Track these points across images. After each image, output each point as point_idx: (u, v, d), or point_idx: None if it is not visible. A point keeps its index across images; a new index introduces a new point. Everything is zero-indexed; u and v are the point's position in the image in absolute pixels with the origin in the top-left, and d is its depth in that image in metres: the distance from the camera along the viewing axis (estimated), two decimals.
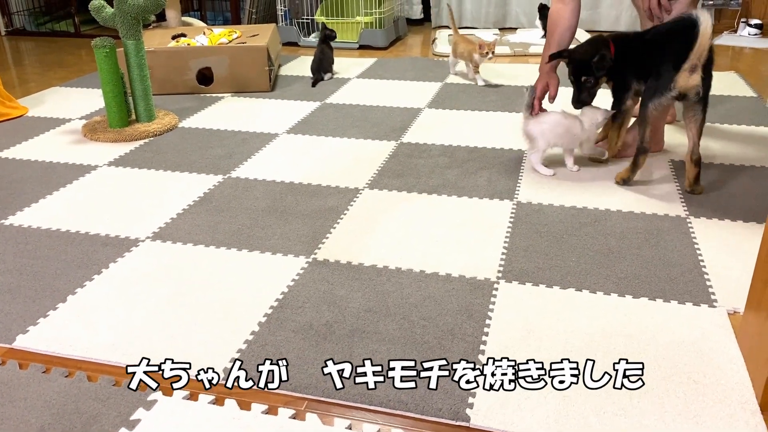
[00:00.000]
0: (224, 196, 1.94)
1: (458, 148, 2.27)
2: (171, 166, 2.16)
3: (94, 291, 1.47)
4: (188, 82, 2.97)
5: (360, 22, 3.90)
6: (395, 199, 1.89)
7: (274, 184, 2.02)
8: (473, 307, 1.38)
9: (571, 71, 2.05)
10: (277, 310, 1.39)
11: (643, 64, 1.92)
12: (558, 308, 1.38)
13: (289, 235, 1.70)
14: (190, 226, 1.76)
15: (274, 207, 1.86)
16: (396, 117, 2.62)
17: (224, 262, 1.58)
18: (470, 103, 2.78)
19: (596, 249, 1.61)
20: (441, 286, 1.46)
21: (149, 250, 1.64)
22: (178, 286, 1.48)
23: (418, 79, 3.17)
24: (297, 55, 3.73)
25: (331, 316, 1.36)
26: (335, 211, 1.83)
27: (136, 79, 2.45)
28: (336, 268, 1.54)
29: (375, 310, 1.38)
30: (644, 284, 1.46)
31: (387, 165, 2.14)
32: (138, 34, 2.40)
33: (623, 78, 2.01)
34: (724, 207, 1.82)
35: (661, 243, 1.63)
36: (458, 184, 1.98)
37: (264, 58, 2.93)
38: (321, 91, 3.00)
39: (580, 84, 2.03)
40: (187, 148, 2.33)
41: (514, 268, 1.53)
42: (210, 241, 1.68)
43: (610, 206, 1.83)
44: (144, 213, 1.84)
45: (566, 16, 2.20)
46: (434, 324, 1.33)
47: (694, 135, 1.85)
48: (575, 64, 2.03)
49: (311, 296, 1.43)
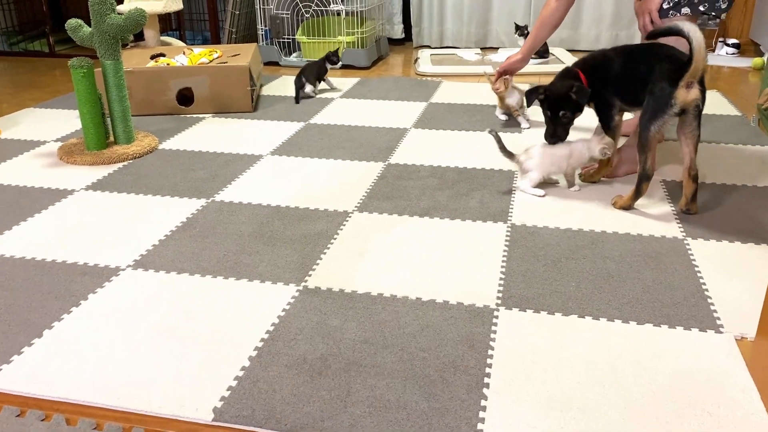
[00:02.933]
0: (208, 220, 1.87)
1: (447, 169, 2.22)
2: (152, 190, 2.09)
3: (73, 325, 1.39)
4: (168, 103, 2.90)
5: (342, 41, 3.86)
6: (386, 223, 1.84)
7: (260, 207, 1.95)
8: (474, 337, 1.32)
9: (547, 107, 2.03)
10: (268, 342, 1.32)
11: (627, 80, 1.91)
12: (561, 336, 1.33)
13: (278, 262, 1.63)
14: (173, 253, 1.68)
15: (260, 232, 1.79)
16: (382, 137, 2.57)
17: (210, 292, 1.50)
18: (457, 123, 2.74)
19: (596, 273, 1.57)
20: (439, 314, 1.41)
21: (130, 280, 1.56)
22: (162, 318, 1.41)
23: (403, 99, 3.13)
24: (278, 75, 3.68)
25: (325, 348, 1.30)
26: (324, 236, 1.76)
27: (114, 100, 2.38)
28: (328, 296, 1.48)
29: (371, 341, 1.31)
30: (647, 309, 1.42)
31: (376, 187, 2.09)
32: (116, 54, 2.33)
33: (604, 97, 2.00)
34: (721, 227, 1.79)
35: (660, 266, 1.60)
36: (450, 207, 1.93)
37: (246, 78, 2.88)
38: (304, 111, 2.95)
39: (556, 119, 2.02)
40: (168, 170, 2.25)
41: (514, 294, 1.48)
42: (195, 269, 1.61)
43: (606, 228, 1.79)
44: (124, 240, 1.76)
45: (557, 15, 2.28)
46: (434, 356, 1.27)
47: (691, 150, 1.83)
48: (552, 100, 2.02)
49: (304, 327, 1.36)
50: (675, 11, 2.05)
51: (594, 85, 1.99)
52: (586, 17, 4.30)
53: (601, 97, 2.01)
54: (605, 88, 1.99)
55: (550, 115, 2.03)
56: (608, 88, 1.98)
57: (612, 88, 1.97)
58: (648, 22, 2.08)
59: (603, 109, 2.03)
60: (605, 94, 1.99)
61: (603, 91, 1.99)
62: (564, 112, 2.00)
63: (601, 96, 2.00)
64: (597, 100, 2.03)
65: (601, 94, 2.00)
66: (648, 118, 1.80)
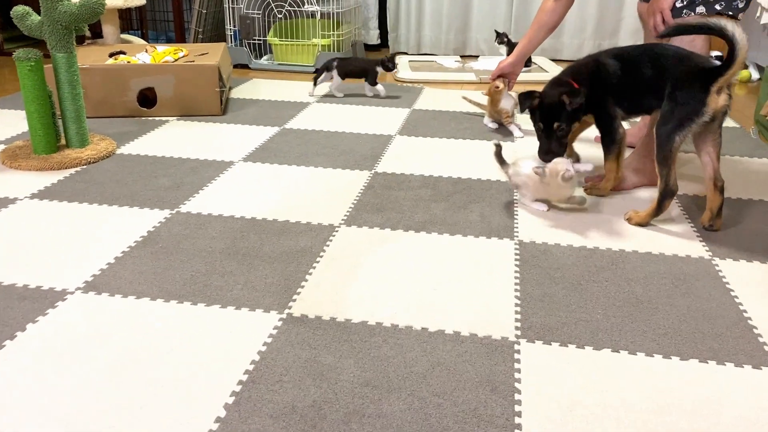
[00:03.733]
0: (173, 235, 1.62)
1: (440, 179, 2.02)
2: (108, 199, 1.83)
3: (8, 361, 1.13)
4: (128, 104, 2.63)
5: (317, 44, 3.65)
6: (378, 238, 1.62)
7: (232, 220, 1.71)
8: (496, 377, 1.11)
9: (539, 118, 1.82)
10: (248, 386, 1.08)
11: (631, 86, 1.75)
12: (597, 375, 1.13)
13: (256, 284, 1.40)
14: (132, 273, 1.44)
15: (234, 248, 1.56)
16: (365, 144, 2.35)
17: (176, 321, 1.26)
18: (444, 130, 2.55)
19: (622, 298, 1.37)
20: (450, 348, 1.19)
21: (80, 306, 1.30)
22: (118, 354, 1.16)
23: (384, 105, 2.92)
24: (248, 78, 3.44)
25: (318, 393, 1.07)
26: (309, 253, 1.54)
27: (66, 98, 2.11)
28: (318, 326, 1.25)
29: (374, 383, 1.09)
30: (688, 342, 1.23)
31: (363, 198, 1.87)
32: (70, 46, 2.07)
33: (604, 108, 1.81)
34: (748, 246, 1.62)
35: (692, 290, 1.41)
36: (448, 221, 1.73)
37: (215, 78, 2.63)
38: (278, 115, 2.72)
39: (551, 132, 1.81)
40: (127, 177, 1.99)
41: (534, 323, 1.28)
42: (157, 292, 1.36)
43: (624, 246, 1.61)
44: (74, 257, 1.50)
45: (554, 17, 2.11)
46: (451, 402, 1.05)
47: (714, 160, 1.66)
48: (545, 109, 1.80)
49: (291, 366, 1.13)
50: (689, 10, 1.89)
51: (591, 96, 1.79)
52: (568, 26, 4.17)
53: (601, 109, 1.82)
54: (604, 97, 1.80)
55: (543, 128, 1.82)
56: (607, 97, 1.80)
57: (612, 96, 1.80)
58: (660, 21, 1.91)
59: (605, 120, 1.84)
60: (605, 104, 1.81)
61: (602, 101, 1.80)
62: (559, 124, 1.80)
63: (601, 107, 1.81)
64: (597, 112, 1.84)
65: (600, 105, 1.81)
66: (673, 128, 1.61)
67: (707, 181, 1.68)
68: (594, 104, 1.81)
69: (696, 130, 1.61)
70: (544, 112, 1.81)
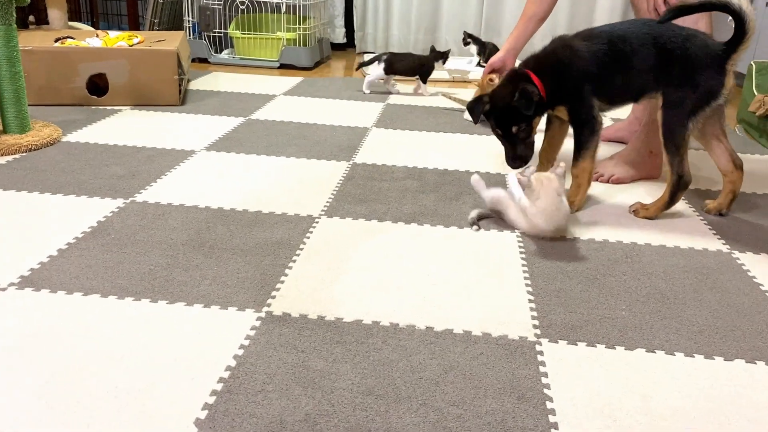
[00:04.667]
0: (127, 225, 1.40)
1: (426, 171, 1.85)
2: (51, 188, 1.60)
3: None
4: (76, 92, 2.38)
5: (281, 38, 3.45)
6: (365, 230, 1.43)
7: (196, 210, 1.50)
8: (521, 383, 0.94)
9: (495, 124, 1.59)
10: (223, 397, 0.88)
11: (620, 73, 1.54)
12: (635, 379, 0.96)
13: (227, 279, 1.19)
14: (78, 267, 1.21)
15: (199, 240, 1.35)
16: (340, 135, 2.17)
17: (132, 321, 1.05)
18: (423, 124, 2.38)
19: (645, 293, 1.22)
20: (463, 349, 1.01)
21: (13, 304, 1.08)
22: (62, 360, 0.94)
23: (357, 99, 2.74)
24: (208, 71, 3.21)
25: (311, 404, 0.87)
26: (287, 245, 1.34)
27: (4, 77, 1.87)
28: (304, 326, 1.06)
29: (378, 392, 0.90)
30: (729, 340, 1.08)
31: (344, 188, 1.68)
32: (8, 18, 1.83)
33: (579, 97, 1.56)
34: (762, 240, 1.50)
35: (718, 284, 1.27)
36: (440, 212, 1.55)
37: (173, 64, 2.41)
38: (242, 106, 2.51)
39: (512, 136, 1.58)
40: (74, 165, 1.76)
41: (554, 321, 1.11)
42: (109, 288, 1.14)
43: (635, 239, 1.46)
44: (8, 249, 1.27)
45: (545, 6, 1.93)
46: (473, 412, 0.87)
47: (726, 141, 1.57)
48: (498, 114, 1.57)
49: (275, 372, 0.93)
50: None
51: (562, 86, 1.57)
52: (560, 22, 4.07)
53: (575, 99, 1.57)
54: (579, 86, 1.56)
55: (503, 134, 1.60)
56: (584, 85, 1.56)
57: (591, 84, 1.56)
58: (661, 2, 1.79)
59: (582, 111, 1.57)
60: (580, 94, 1.57)
61: (576, 91, 1.57)
62: (518, 126, 1.56)
63: (574, 97, 1.57)
64: (570, 103, 1.58)
65: (574, 94, 1.57)
66: (687, 113, 1.47)
67: (725, 164, 1.57)
68: (566, 95, 1.58)
69: (708, 115, 1.49)
70: (497, 116, 1.57)
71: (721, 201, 1.62)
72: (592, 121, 1.57)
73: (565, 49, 1.58)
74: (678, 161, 1.51)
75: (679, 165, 1.52)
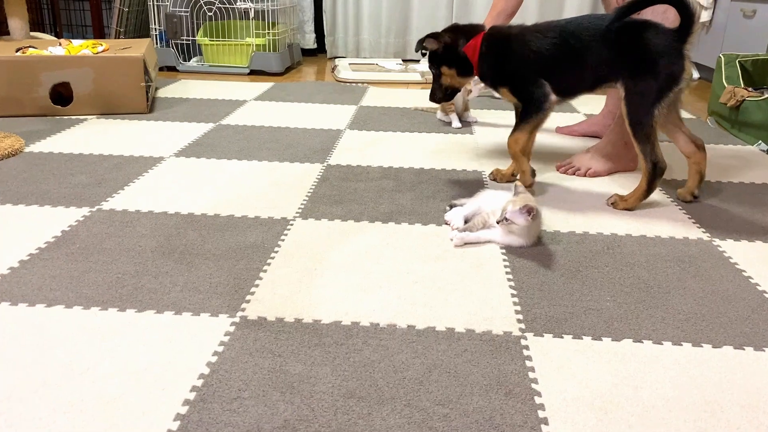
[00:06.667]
0: (93, 234, 1.35)
1: (402, 170, 1.82)
2: (12, 199, 1.53)
3: None
4: (39, 101, 2.31)
5: (251, 44, 3.40)
6: (341, 230, 1.40)
7: (165, 216, 1.45)
8: (507, 378, 0.90)
9: (429, 59, 1.70)
10: (197, 406, 0.83)
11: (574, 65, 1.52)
12: (625, 370, 0.94)
13: (199, 285, 1.15)
14: (41, 278, 1.16)
15: (169, 247, 1.30)
16: (314, 138, 2.13)
17: (99, 331, 1.00)
18: (397, 125, 2.35)
19: (629, 283, 1.20)
20: (446, 347, 0.98)
21: None
22: (21, 375, 0.89)
23: (330, 102, 2.70)
24: (176, 79, 3.15)
25: (290, 410, 0.83)
26: (261, 249, 1.30)
27: None
28: (281, 329, 1.01)
29: (360, 394, 0.86)
30: (716, 327, 1.06)
31: (318, 190, 1.64)
32: None
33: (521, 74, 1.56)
34: (744, 227, 1.49)
35: (701, 272, 1.25)
36: (417, 210, 1.52)
37: (140, 71, 2.36)
38: (211, 112, 2.46)
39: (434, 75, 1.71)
40: (38, 175, 1.70)
41: (538, 314, 1.08)
42: (74, 298, 1.09)
43: (615, 230, 1.44)
44: None
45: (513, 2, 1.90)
46: (460, 411, 0.83)
47: (682, 125, 1.59)
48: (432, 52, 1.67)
49: (251, 379, 0.89)
50: None
51: (504, 69, 1.57)
52: None
53: (516, 77, 1.57)
54: (522, 68, 1.55)
55: (434, 72, 1.70)
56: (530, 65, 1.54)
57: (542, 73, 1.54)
58: None
59: (525, 86, 1.56)
60: (523, 72, 1.55)
61: (518, 71, 1.56)
62: (433, 66, 1.68)
63: (515, 76, 1.57)
64: (511, 82, 1.58)
65: (515, 74, 1.57)
66: (652, 100, 1.45)
67: (688, 146, 1.58)
68: (506, 77, 1.58)
69: (672, 100, 1.48)
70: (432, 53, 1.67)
71: (690, 184, 1.62)
72: (540, 99, 1.54)
73: (518, 36, 1.57)
74: (650, 149, 1.50)
75: (652, 152, 1.51)
